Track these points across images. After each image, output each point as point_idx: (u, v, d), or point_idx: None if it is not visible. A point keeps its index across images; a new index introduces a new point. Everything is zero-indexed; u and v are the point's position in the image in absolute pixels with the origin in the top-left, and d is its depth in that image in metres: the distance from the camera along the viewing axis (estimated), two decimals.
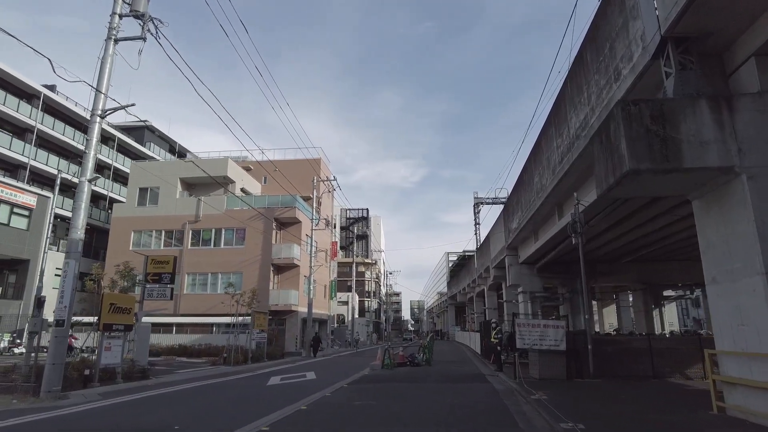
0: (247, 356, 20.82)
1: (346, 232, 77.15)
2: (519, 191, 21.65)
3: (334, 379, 13.48)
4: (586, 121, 11.37)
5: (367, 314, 62.59)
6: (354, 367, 18.78)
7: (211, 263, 31.21)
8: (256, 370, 17.17)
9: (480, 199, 43.53)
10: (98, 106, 11.08)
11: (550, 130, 15.25)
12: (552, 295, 25.86)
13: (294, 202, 32.01)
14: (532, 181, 18.59)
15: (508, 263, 26.34)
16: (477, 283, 42.74)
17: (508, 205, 25.33)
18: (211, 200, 32.48)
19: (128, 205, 33.97)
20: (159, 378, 13.66)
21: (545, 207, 17.43)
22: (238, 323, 20.58)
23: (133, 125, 46.28)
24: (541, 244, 20.77)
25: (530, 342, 12.43)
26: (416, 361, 17.11)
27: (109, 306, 11.81)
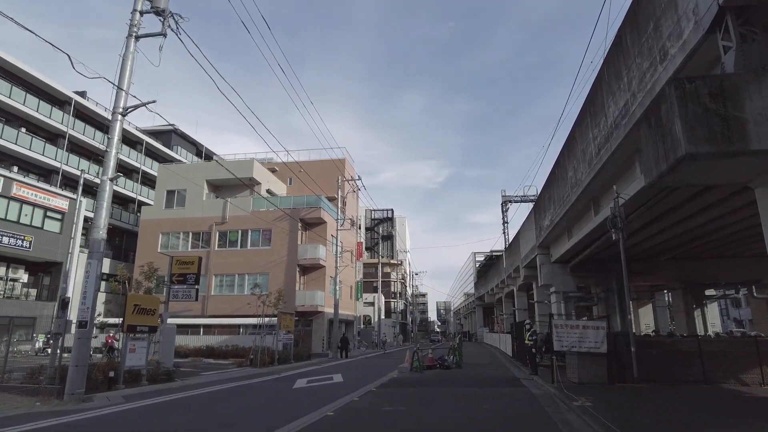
0: (274, 358, 20.59)
1: (371, 233, 76.88)
2: (551, 187, 20.82)
3: (362, 382, 13.02)
4: (626, 108, 10.62)
5: (393, 315, 62.13)
6: (381, 369, 18.31)
7: (238, 264, 31.24)
8: (282, 372, 16.86)
9: (508, 198, 42.55)
10: (119, 104, 10.92)
11: (585, 121, 14.47)
12: (586, 295, 24.84)
13: (319, 202, 31.79)
14: (565, 176, 17.78)
15: (540, 262, 25.46)
16: (506, 283, 41.74)
17: (539, 202, 24.48)
18: (237, 202, 32.55)
19: (156, 208, 34.35)
20: (184, 380, 13.45)
21: (580, 202, 16.62)
22: (264, 324, 20.37)
23: (161, 129, 47.04)
24: (576, 242, 19.89)
25: (568, 344, 11.71)
26: (446, 363, 16.53)
27: (133, 307, 11.63)
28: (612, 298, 24.70)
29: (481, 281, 66.19)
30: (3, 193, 27.50)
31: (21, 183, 28.64)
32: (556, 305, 24.69)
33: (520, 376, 14.67)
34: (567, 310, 24.26)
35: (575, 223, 19.75)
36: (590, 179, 14.14)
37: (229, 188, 33.36)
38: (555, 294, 24.70)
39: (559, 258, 23.98)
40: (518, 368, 17.59)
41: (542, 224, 23.64)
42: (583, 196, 15.81)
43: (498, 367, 18.54)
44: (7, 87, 30.04)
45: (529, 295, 40.29)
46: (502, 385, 12.49)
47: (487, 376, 14.79)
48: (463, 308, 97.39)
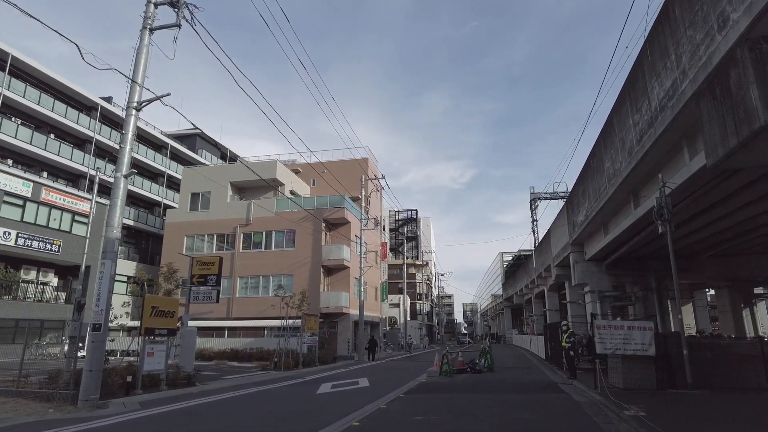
0: (298, 360, 20.10)
1: (396, 234, 76.18)
2: (585, 180, 19.76)
3: (389, 388, 12.33)
4: (674, 87, 9.66)
5: (419, 317, 61.23)
6: (409, 373, 17.59)
7: (262, 266, 30.98)
8: (306, 376, 16.31)
9: (537, 195, 41.28)
10: (134, 98, 10.53)
11: (624, 107, 13.48)
12: (623, 295, 23.59)
13: (342, 202, 31.28)
14: (601, 168, 16.75)
15: (573, 260, 24.33)
16: (536, 283, 40.46)
17: (571, 197, 23.38)
18: (261, 203, 32.31)
19: (180, 211, 34.42)
20: (205, 385, 13.01)
21: (618, 195, 15.58)
22: (288, 326, 19.90)
23: (186, 133, 47.41)
24: (612, 238, 18.79)
25: (612, 346, 10.77)
26: (477, 367, 15.68)
27: (151, 309, 11.23)
28: (651, 298, 23.43)
29: (509, 282, 64.73)
30: (33, 198, 27.86)
31: (50, 188, 29.02)
32: (591, 305, 23.53)
33: (558, 380, 13.74)
34: (603, 310, 23.09)
35: (612, 218, 18.66)
36: (630, 169, 13.16)
37: (252, 190, 33.19)
38: (590, 293, 23.54)
39: (594, 256, 22.85)
40: (554, 372, 16.62)
41: (575, 220, 22.56)
42: (621, 188, 14.80)
43: (532, 370, 17.59)
44: (36, 94, 30.52)
45: (560, 295, 38.92)
46: (540, 391, 11.62)
47: (523, 380, 13.91)
48: (491, 310, 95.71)
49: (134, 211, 36.76)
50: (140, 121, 40.72)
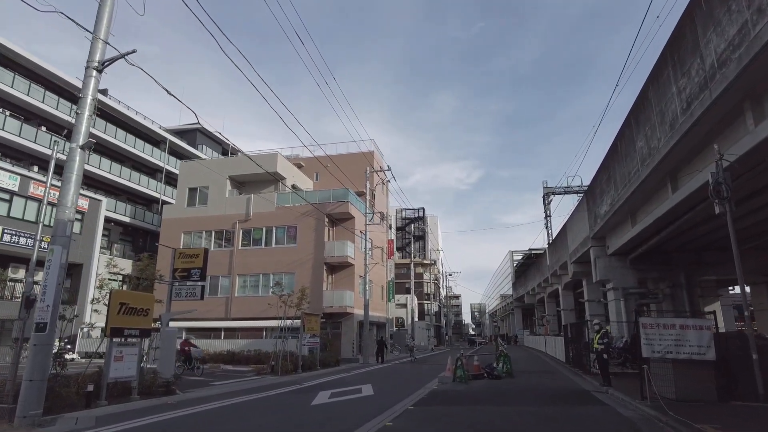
0: (297, 364, 18.48)
1: (402, 233, 74.49)
2: (610, 167, 17.99)
3: (396, 397, 10.67)
4: (743, 33, 7.94)
5: (426, 317, 59.49)
6: (419, 378, 15.90)
7: (262, 263, 29.41)
8: (305, 382, 14.67)
9: (550, 189, 39.42)
10: (95, 56, 8.93)
11: (664, 75, 11.75)
12: (649, 292, 21.76)
13: (346, 195, 29.64)
14: (631, 149, 15.00)
15: (594, 255, 22.55)
16: (550, 281, 38.60)
17: (592, 187, 21.59)
18: (262, 198, 30.76)
19: (178, 206, 32.94)
20: (187, 393, 11.40)
21: (653, 178, 13.83)
22: (286, 327, 18.30)
23: (186, 128, 46.03)
24: (642, 229, 17.00)
25: (662, 348, 9.04)
26: (495, 372, 13.96)
27: (119, 306, 9.62)
28: (680, 295, 21.60)
29: (520, 281, 62.81)
30: (20, 193, 26.44)
31: (39, 182, 27.60)
32: (614, 303, 21.74)
33: (589, 387, 12.01)
34: (628, 308, 21.28)
35: (641, 206, 16.88)
36: (671, 145, 11.42)
37: (252, 184, 31.63)
38: (613, 291, 21.75)
39: (618, 250, 21.08)
40: (580, 377, 14.87)
41: (598, 211, 20.78)
42: (658, 169, 13.06)
43: (555, 375, 15.83)
44: (26, 85, 29.19)
45: (576, 294, 37.09)
46: (573, 401, 9.91)
47: (549, 387, 12.18)
48: (500, 310, 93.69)
49: (131, 208, 35.35)
50: (138, 114, 39.46)
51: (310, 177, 36.63)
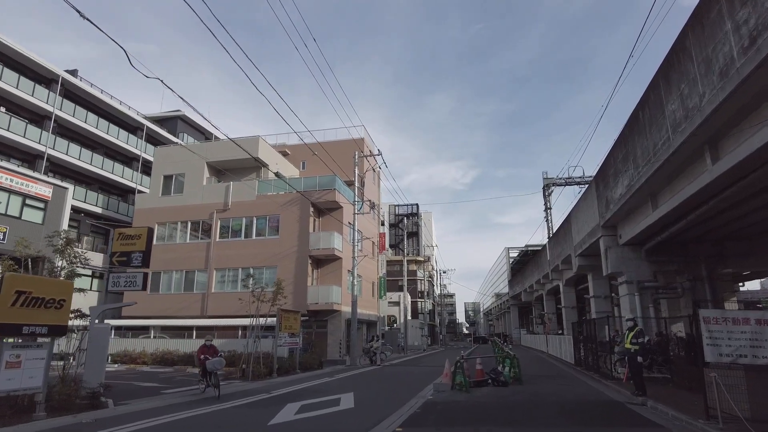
0: (273, 367, 16.19)
1: (396, 230, 72.26)
2: (628, 141, 15.82)
3: (381, 411, 8.46)
4: None
5: (420, 316, 57.23)
6: (411, 384, 13.67)
7: (242, 257, 27.07)
8: (275, 389, 12.40)
9: (551, 180, 37.28)
10: None
11: (714, 8, 9.54)
12: (667, 285, 19.63)
13: (333, 182, 27.34)
14: (659, 114, 12.82)
15: (605, 246, 20.39)
16: (550, 278, 36.45)
17: (604, 168, 19.41)
18: (242, 185, 28.41)
19: (152, 195, 30.54)
20: (121, 406, 9.12)
21: (687, 148, 11.64)
22: (259, 326, 16.02)
23: (166, 116, 43.57)
24: (665, 212, 14.82)
25: (732, 351, 6.87)
26: (501, 378, 11.70)
27: (15, 296, 7.29)
28: (702, 289, 19.48)
29: (517, 278, 60.77)
30: None
31: None
32: (628, 299, 19.56)
33: (620, 398, 9.83)
34: (643, 304, 19.16)
35: (667, 186, 14.68)
36: (722, 99, 9.22)
37: (232, 173, 29.24)
38: (626, 284, 19.57)
39: (631, 239, 18.96)
40: (600, 382, 12.69)
41: (611, 195, 18.62)
42: (696, 134, 10.86)
43: (570, 380, 13.61)
44: None
45: (578, 290, 35.01)
46: (610, 418, 7.74)
47: (570, 398, 9.96)
48: (495, 308, 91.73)
49: (104, 198, 32.82)
50: (113, 99, 36.94)
51: (297, 166, 34.30)
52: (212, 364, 11.09)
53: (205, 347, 11.81)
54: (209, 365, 11.10)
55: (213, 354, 11.65)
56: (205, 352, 11.59)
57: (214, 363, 11.16)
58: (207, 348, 11.79)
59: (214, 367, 11.11)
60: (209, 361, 11.18)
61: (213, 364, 11.11)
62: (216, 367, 11.16)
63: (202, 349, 11.75)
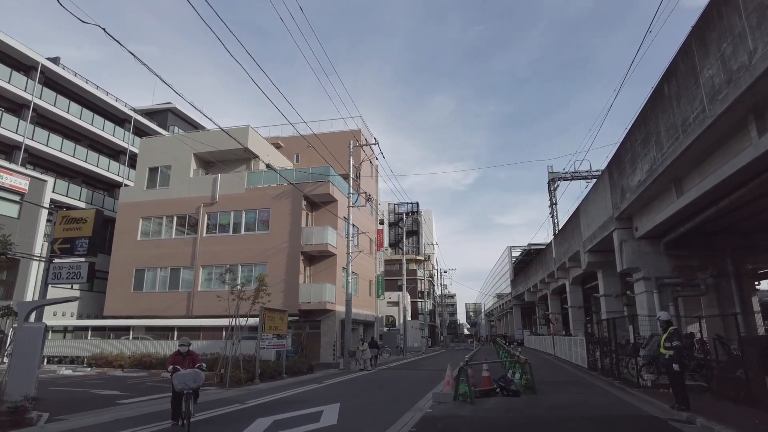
0: (255, 372, 14.59)
1: (395, 229, 70.67)
2: (650, 120, 14.21)
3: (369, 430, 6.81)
4: None
5: (420, 317, 55.61)
6: (407, 392, 12.06)
7: (230, 253, 25.46)
8: (251, 399, 10.79)
9: (556, 174, 35.65)
10: None
11: None
12: (688, 282, 18.01)
13: (327, 174, 25.73)
14: (690, 84, 11.20)
15: (619, 240, 18.79)
16: (556, 276, 34.81)
17: (619, 154, 17.79)
18: (230, 178, 26.81)
19: (136, 189, 28.95)
20: (55, 423, 7.54)
21: (725, 121, 10.06)
22: (239, 326, 14.44)
23: (157, 109, 42.02)
24: (694, 198, 13.18)
25: None
26: (512, 387, 10.05)
27: None
28: (727, 286, 17.84)
29: (519, 278, 59.15)
30: None
31: None
32: (645, 296, 17.94)
33: (656, 412, 8.21)
34: (663, 302, 17.53)
35: (695, 168, 13.06)
36: None
37: (221, 165, 27.65)
38: (644, 281, 17.96)
39: (649, 232, 17.39)
40: (624, 391, 11.06)
41: (627, 184, 17.02)
42: (739, 102, 9.28)
43: (590, 389, 11.95)
44: None
45: (585, 289, 33.41)
46: None
47: (599, 413, 8.30)
48: (497, 309, 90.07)
49: (88, 192, 31.24)
50: (99, 89, 35.37)
51: (290, 159, 32.69)
52: (181, 379, 7.15)
53: (179, 354, 7.99)
54: (177, 381, 7.17)
55: (190, 363, 7.74)
56: (177, 361, 7.78)
57: (185, 377, 7.18)
58: (181, 356, 7.95)
59: (185, 385, 7.12)
60: (178, 374, 7.28)
61: (182, 379, 7.15)
62: (187, 384, 7.12)
63: (174, 357, 7.93)
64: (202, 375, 7.50)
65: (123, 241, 27.74)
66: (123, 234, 27.92)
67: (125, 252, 27.39)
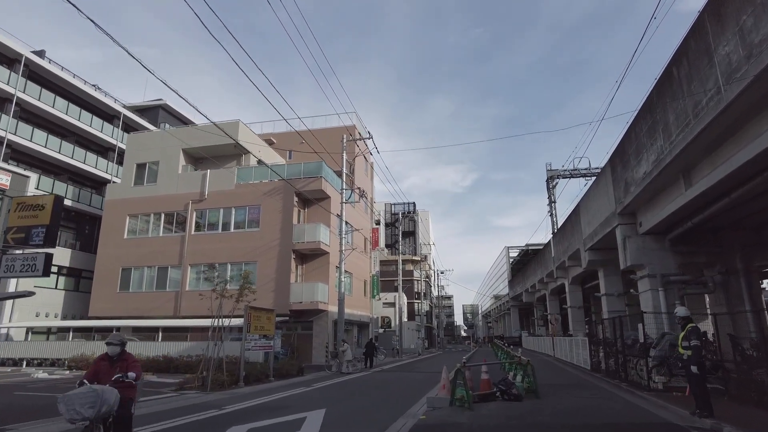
0: (239, 375, 13.73)
1: (392, 230, 69.84)
2: (656, 107, 13.44)
3: None
4: None
5: (417, 318, 54.75)
6: (401, 396, 11.24)
7: (219, 251, 24.59)
8: (230, 404, 9.95)
9: (554, 172, 34.90)
10: None
11: None
12: (695, 279, 17.24)
13: (320, 170, 24.92)
14: (704, 66, 10.42)
15: (623, 236, 18.01)
16: (555, 276, 34.00)
17: (623, 146, 17.02)
18: (220, 174, 25.95)
19: (124, 185, 28.07)
20: None
21: (743, 102, 9.29)
22: (220, 327, 13.60)
23: (148, 105, 41.13)
24: (704, 189, 12.41)
25: None
26: (514, 390, 9.23)
27: None
28: (736, 284, 17.09)
29: (517, 278, 58.38)
30: None
31: None
32: (649, 294, 17.16)
33: (679, 420, 7.40)
34: (669, 301, 16.75)
35: (707, 156, 12.26)
36: None
37: (211, 161, 26.79)
38: (648, 278, 17.17)
39: (654, 227, 16.61)
40: (634, 394, 10.25)
41: (631, 177, 16.26)
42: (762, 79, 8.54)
43: (597, 392, 11.12)
44: None
45: (585, 289, 32.64)
46: None
47: (611, 421, 7.46)
48: (494, 310, 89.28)
49: (74, 189, 30.29)
50: (87, 84, 34.48)
51: (283, 156, 31.86)
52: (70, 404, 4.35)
53: (104, 359, 5.06)
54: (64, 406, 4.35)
55: (122, 371, 4.88)
56: (100, 370, 4.98)
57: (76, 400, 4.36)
58: (108, 361, 5.05)
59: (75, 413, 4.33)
60: (67, 395, 4.38)
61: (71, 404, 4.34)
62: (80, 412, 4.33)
63: (97, 363, 5.07)
64: (113, 395, 4.56)
65: (109, 240, 26.85)
66: (109, 232, 27.03)
67: (111, 251, 26.49)
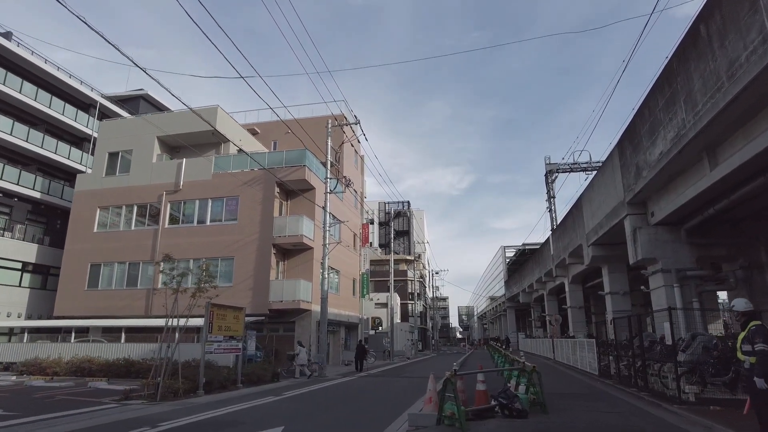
0: (198, 382, 11.91)
1: (386, 229, 68.09)
2: (677, 74, 11.72)
3: None
4: None
5: (411, 319, 52.96)
6: (379, 409, 9.49)
7: (194, 246, 22.77)
8: (172, 419, 8.19)
9: (554, 166, 33.24)
10: None
11: None
12: (714, 275, 15.57)
13: (303, 158, 23.15)
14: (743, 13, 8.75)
15: (632, 227, 16.36)
16: (553, 274, 32.31)
17: (634, 126, 15.34)
18: (196, 163, 24.12)
19: (94, 175, 26.21)
20: None
21: None
22: (171, 327, 11.80)
23: (128, 96, 39.15)
24: (734, 168, 10.74)
25: None
26: (517, 404, 7.40)
27: None
28: (761, 279, 15.41)
29: (514, 278, 56.71)
30: None
31: None
32: (662, 291, 15.47)
33: None
34: (686, 298, 15.08)
35: (740, 128, 10.55)
36: None
37: (187, 150, 24.95)
38: (662, 274, 15.49)
39: (668, 217, 14.98)
40: (660, 407, 8.52)
41: (643, 160, 14.57)
42: None
43: (615, 405, 9.33)
44: None
45: (585, 288, 30.98)
46: None
47: None
48: (490, 312, 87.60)
49: (44, 181, 28.39)
50: (60, 71, 32.58)
51: (267, 146, 30.03)
52: None
53: None
54: None
55: None
56: None
57: None
58: None
59: None
60: None
61: None
62: None
63: None
64: None
65: (78, 234, 24.96)
66: (78, 225, 25.15)
67: (80, 245, 24.61)
